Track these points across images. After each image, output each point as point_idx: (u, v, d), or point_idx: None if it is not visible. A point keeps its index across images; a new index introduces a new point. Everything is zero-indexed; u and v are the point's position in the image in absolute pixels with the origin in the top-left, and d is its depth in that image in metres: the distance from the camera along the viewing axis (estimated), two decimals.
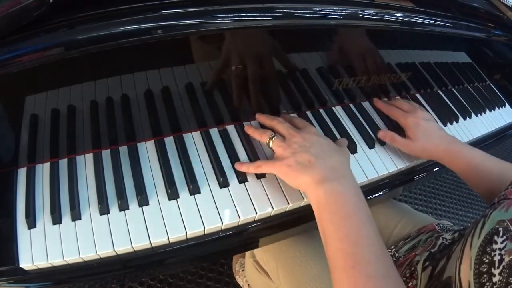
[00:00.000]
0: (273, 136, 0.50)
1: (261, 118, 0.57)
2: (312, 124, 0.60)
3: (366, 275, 0.38)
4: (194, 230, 0.47)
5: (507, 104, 0.94)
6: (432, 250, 0.53)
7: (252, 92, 0.55)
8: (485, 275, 0.32)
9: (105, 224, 0.45)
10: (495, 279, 0.31)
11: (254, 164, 0.50)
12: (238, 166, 0.52)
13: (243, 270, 0.99)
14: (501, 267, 0.31)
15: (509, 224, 0.33)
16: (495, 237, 0.33)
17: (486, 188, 0.55)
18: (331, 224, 0.42)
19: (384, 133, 0.63)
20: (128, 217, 0.46)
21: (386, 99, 0.72)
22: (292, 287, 0.63)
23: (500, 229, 0.34)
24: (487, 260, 0.33)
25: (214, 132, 0.56)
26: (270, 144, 0.50)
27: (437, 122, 0.64)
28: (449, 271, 0.42)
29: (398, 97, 0.74)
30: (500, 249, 0.32)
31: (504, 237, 0.33)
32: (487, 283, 0.32)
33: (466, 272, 0.35)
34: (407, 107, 0.65)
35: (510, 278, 0.30)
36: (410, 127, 0.61)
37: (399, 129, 0.65)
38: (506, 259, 0.31)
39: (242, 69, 0.52)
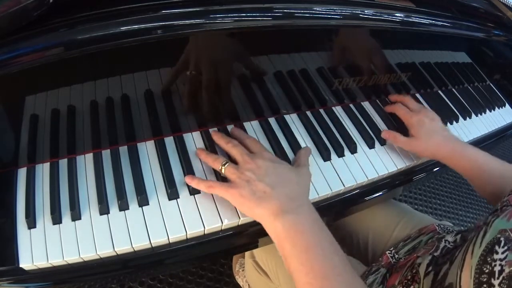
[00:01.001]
0: (226, 163, 0.48)
1: (215, 137, 0.54)
2: (308, 125, 0.61)
3: None
4: (194, 230, 0.47)
5: (507, 104, 0.94)
6: (435, 254, 0.53)
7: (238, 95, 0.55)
8: (485, 285, 0.32)
9: (105, 224, 0.45)
10: None
11: (206, 183, 0.47)
12: (188, 180, 0.48)
13: (243, 270, 0.99)
14: (500, 278, 0.31)
15: (511, 234, 0.33)
16: (496, 247, 0.33)
17: (490, 191, 0.55)
18: (295, 258, 0.40)
19: (387, 133, 0.63)
20: (128, 217, 0.46)
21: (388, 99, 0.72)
22: (291, 287, 0.63)
23: (502, 238, 0.33)
24: (487, 270, 0.32)
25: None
26: (223, 171, 0.47)
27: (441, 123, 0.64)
28: (450, 277, 0.42)
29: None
30: (500, 260, 0.32)
31: (506, 247, 0.32)
32: None
33: (466, 280, 0.35)
34: (413, 106, 0.66)
35: None
36: (414, 126, 0.61)
37: (400, 130, 0.65)
38: (506, 270, 0.31)
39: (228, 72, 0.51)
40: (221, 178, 0.51)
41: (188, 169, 0.51)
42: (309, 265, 0.39)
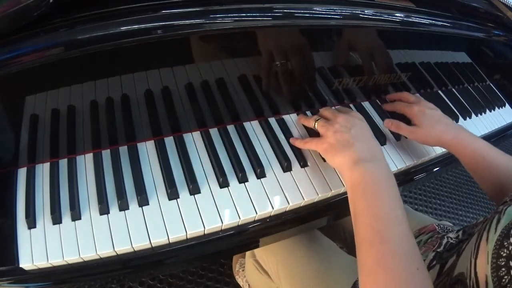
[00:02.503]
0: (318, 119, 0.54)
1: (302, 119, 0.60)
2: None
3: (393, 252, 0.38)
4: (194, 230, 0.47)
5: (507, 104, 0.94)
6: (439, 250, 0.53)
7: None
8: (503, 269, 0.32)
9: (105, 224, 0.45)
10: None
11: (303, 140, 0.55)
12: (292, 141, 0.57)
13: (243, 270, 0.99)
14: None
15: None
16: None
17: (491, 183, 0.54)
18: (363, 201, 0.44)
19: (390, 121, 0.63)
20: (128, 217, 0.46)
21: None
22: (292, 287, 0.63)
23: None
24: (504, 254, 0.33)
25: (214, 132, 0.56)
26: (316, 126, 0.54)
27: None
28: (460, 267, 0.42)
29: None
30: None
31: None
32: (506, 276, 0.32)
33: (483, 266, 0.35)
34: (411, 99, 0.66)
35: None
36: (415, 115, 0.62)
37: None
38: None
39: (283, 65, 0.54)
40: (220, 176, 0.51)
41: (188, 169, 0.51)
42: (375, 210, 0.42)
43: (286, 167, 0.54)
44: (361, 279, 0.40)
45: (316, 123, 0.54)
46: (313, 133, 0.57)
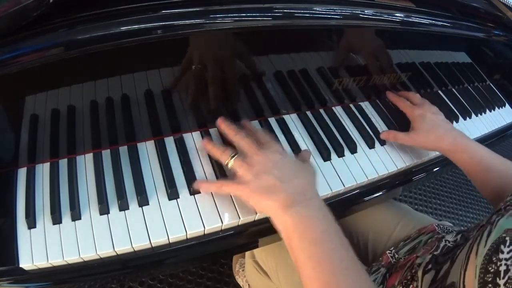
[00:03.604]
0: (234, 155, 0.47)
1: (223, 126, 0.52)
2: (307, 125, 0.61)
3: None
4: (194, 230, 0.47)
5: (507, 104, 0.94)
6: (435, 253, 0.53)
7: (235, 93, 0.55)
8: (490, 285, 0.32)
9: (105, 224, 0.45)
10: None
11: (216, 184, 0.48)
12: (196, 185, 0.49)
13: (243, 270, 0.99)
14: (506, 278, 0.31)
15: None
16: (502, 246, 0.33)
17: (491, 188, 0.54)
18: (302, 252, 0.40)
19: (386, 134, 0.63)
20: (128, 217, 0.46)
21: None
22: (291, 287, 0.63)
23: (507, 238, 0.33)
24: (492, 270, 0.32)
25: (214, 132, 0.56)
26: (229, 165, 0.46)
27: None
28: (452, 276, 0.42)
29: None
30: (506, 259, 0.32)
31: (511, 247, 0.32)
32: None
33: (471, 279, 0.35)
34: (416, 100, 0.66)
35: None
36: (415, 119, 0.62)
37: (401, 129, 0.65)
38: None
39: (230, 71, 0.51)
40: (220, 176, 0.51)
41: (188, 169, 0.51)
42: (316, 259, 0.39)
43: None
44: None
45: (231, 161, 0.46)
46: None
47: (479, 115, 0.83)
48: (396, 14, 0.56)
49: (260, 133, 0.51)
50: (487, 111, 0.86)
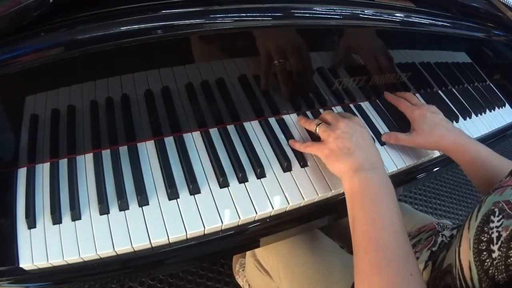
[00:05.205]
0: (320, 123, 0.54)
1: (302, 121, 0.60)
2: None
3: (387, 259, 0.39)
4: (194, 230, 0.47)
5: (507, 104, 0.94)
6: (433, 249, 0.53)
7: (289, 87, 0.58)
8: (485, 252, 0.33)
9: (105, 224, 0.45)
10: (494, 255, 0.32)
11: (304, 144, 0.55)
12: (291, 143, 0.57)
13: (243, 270, 0.99)
14: (499, 243, 0.32)
15: (504, 205, 0.35)
16: (492, 217, 0.35)
17: (491, 187, 0.54)
18: (361, 209, 0.44)
19: (387, 136, 0.63)
20: (128, 217, 0.46)
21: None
22: (292, 286, 0.63)
23: (496, 209, 0.35)
24: (485, 239, 0.34)
25: (214, 132, 0.56)
26: (317, 130, 0.54)
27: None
28: (449, 259, 0.43)
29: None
30: (497, 227, 0.33)
31: (500, 216, 0.34)
32: (487, 260, 0.32)
33: (465, 253, 0.36)
34: (415, 101, 0.66)
35: (509, 252, 0.31)
36: (416, 120, 0.62)
37: (401, 129, 0.65)
38: (504, 234, 0.32)
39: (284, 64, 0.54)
40: (220, 176, 0.51)
41: (188, 169, 0.51)
42: (372, 217, 0.43)
43: (286, 167, 0.54)
44: (356, 283, 0.40)
45: (317, 128, 0.54)
46: (313, 135, 0.57)
47: (479, 115, 0.83)
48: (396, 14, 0.56)
49: (344, 112, 0.60)
50: (487, 111, 0.86)
